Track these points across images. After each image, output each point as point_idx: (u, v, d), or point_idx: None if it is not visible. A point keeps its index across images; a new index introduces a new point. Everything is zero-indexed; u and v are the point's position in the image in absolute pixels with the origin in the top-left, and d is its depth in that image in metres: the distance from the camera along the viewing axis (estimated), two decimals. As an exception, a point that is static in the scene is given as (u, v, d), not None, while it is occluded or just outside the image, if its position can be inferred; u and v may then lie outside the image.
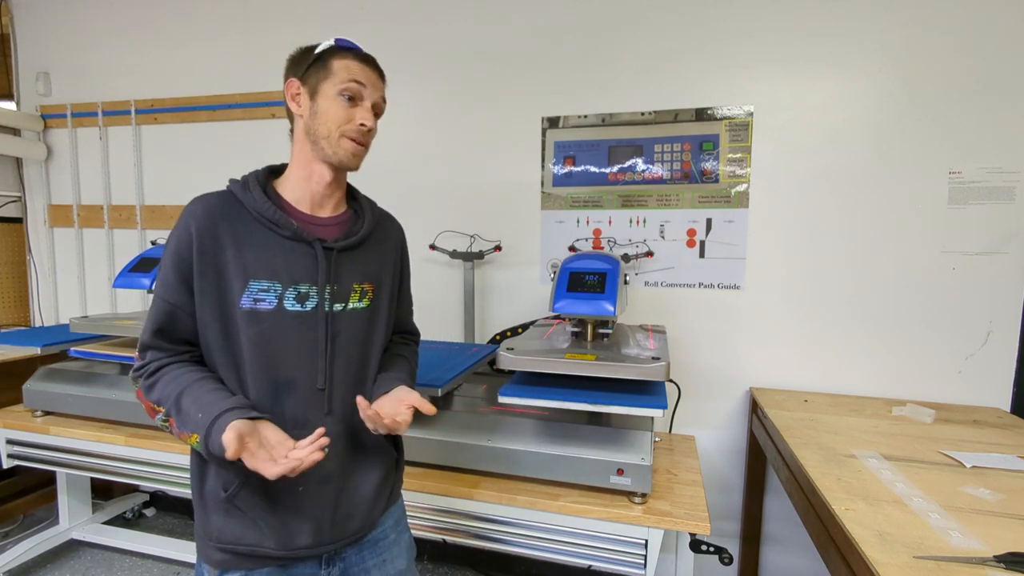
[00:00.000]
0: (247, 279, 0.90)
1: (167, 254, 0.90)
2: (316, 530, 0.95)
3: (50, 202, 2.79)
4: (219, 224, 0.90)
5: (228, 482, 0.91)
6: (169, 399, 0.86)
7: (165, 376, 0.89)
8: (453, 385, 1.60)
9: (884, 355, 1.85)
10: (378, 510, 1.05)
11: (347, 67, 0.94)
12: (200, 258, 0.89)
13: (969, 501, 1.12)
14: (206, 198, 0.93)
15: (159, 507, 2.73)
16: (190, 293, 0.90)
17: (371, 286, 1.02)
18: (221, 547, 0.93)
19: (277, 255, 0.92)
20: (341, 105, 0.93)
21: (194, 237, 0.89)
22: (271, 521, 0.92)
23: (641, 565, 1.34)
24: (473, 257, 2.10)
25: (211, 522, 0.93)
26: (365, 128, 0.95)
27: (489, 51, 2.12)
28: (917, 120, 1.76)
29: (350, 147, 0.95)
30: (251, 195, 0.93)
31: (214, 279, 0.89)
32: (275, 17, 2.36)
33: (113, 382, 1.87)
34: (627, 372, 1.34)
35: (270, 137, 2.39)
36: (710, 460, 2.02)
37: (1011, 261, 1.73)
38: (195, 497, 0.97)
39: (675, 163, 1.96)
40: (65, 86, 2.71)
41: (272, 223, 0.92)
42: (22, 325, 2.87)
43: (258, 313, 0.90)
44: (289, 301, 0.92)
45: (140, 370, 0.90)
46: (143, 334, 0.91)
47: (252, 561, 0.93)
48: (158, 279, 0.92)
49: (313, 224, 0.98)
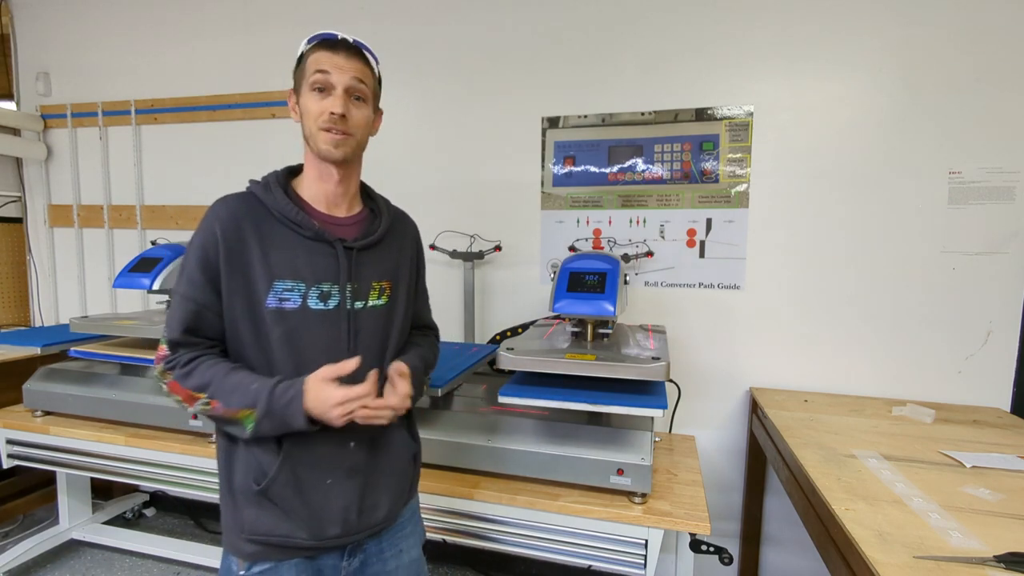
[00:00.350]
0: (272, 279, 0.92)
1: (192, 255, 0.93)
2: (344, 520, 0.98)
3: (50, 202, 2.79)
4: (243, 225, 0.93)
5: (260, 475, 0.94)
6: (213, 381, 0.89)
7: (202, 364, 0.91)
8: (453, 385, 1.60)
9: (884, 355, 1.85)
10: (400, 502, 1.08)
11: (315, 60, 0.94)
12: (228, 259, 0.92)
13: (969, 501, 1.12)
14: (229, 200, 0.96)
15: (159, 507, 2.73)
16: (217, 293, 0.93)
17: (389, 284, 1.05)
18: (253, 539, 0.95)
19: (300, 255, 0.94)
20: (314, 99, 0.94)
21: (220, 239, 0.91)
22: (302, 513, 0.95)
23: (641, 565, 1.34)
24: (473, 257, 2.10)
25: (243, 515, 0.96)
26: (335, 115, 0.93)
27: (489, 51, 2.12)
28: (917, 120, 1.77)
29: (326, 138, 0.94)
30: (273, 196, 0.96)
31: (241, 279, 0.92)
32: (275, 17, 2.36)
33: (113, 382, 1.87)
34: (627, 372, 1.34)
35: (270, 137, 2.39)
36: (710, 460, 2.02)
37: (1011, 261, 1.73)
38: (224, 492, 1.00)
39: (675, 163, 1.96)
40: (65, 86, 2.71)
41: (294, 223, 0.95)
42: (22, 325, 2.87)
43: (284, 312, 0.93)
44: (313, 300, 0.95)
45: (171, 362, 0.92)
46: (171, 332, 0.93)
47: (282, 552, 0.96)
48: (182, 279, 0.94)
49: (332, 224, 1.00)
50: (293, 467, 0.95)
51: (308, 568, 0.99)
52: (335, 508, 0.97)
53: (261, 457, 0.94)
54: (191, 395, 0.91)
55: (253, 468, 0.95)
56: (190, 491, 1.78)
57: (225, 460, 0.99)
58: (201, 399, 0.90)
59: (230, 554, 1.00)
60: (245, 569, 0.97)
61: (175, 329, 0.92)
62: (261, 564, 0.96)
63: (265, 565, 0.96)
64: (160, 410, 1.76)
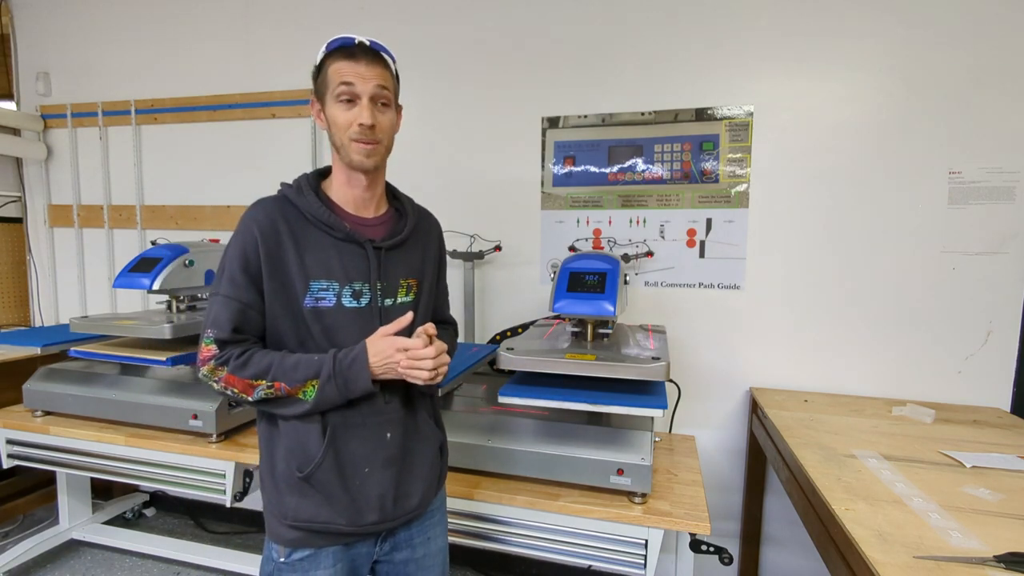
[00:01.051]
0: (308, 280, 0.97)
1: (232, 257, 0.97)
2: (381, 508, 1.02)
3: (50, 202, 2.79)
4: (280, 227, 0.97)
5: (304, 462, 0.98)
6: (272, 366, 0.94)
7: (256, 354, 0.96)
8: (453, 385, 1.60)
9: (884, 355, 1.85)
10: (432, 491, 1.13)
11: (337, 71, 0.96)
12: (268, 260, 0.96)
13: (969, 501, 1.12)
14: (266, 203, 1.00)
15: (159, 507, 2.73)
16: (259, 293, 0.97)
17: (415, 281, 1.10)
18: (295, 525, 0.99)
19: (332, 256, 0.99)
20: (341, 111, 0.97)
21: (259, 241, 0.96)
22: (343, 499, 0.99)
23: (641, 565, 1.34)
24: (473, 257, 2.10)
25: (286, 502, 0.99)
26: (365, 126, 0.96)
27: (489, 51, 2.12)
28: (917, 120, 1.77)
29: (359, 149, 0.98)
30: (305, 199, 1.00)
31: (280, 280, 0.97)
32: (275, 17, 2.36)
33: (113, 382, 1.86)
34: (627, 372, 1.34)
35: (270, 137, 2.39)
36: (710, 460, 2.02)
37: (1011, 261, 1.73)
38: (265, 480, 1.03)
39: (675, 163, 1.96)
40: (65, 86, 2.71)
41: (327, 225, 0.99)
42: (22, 325, 2.87)
43: (320, 311, 0.98)
44: (346, 298, 1.00)
45: (223, 358, 0.95)
46: (219, 331, 0.96)
47: (323, 539, 1.00)
48: (223, 280, 0.97)
49: (361, 225, 1.04)
50: (336, 454, 0.99)
51: (344, 555, 1.03)
52: (373, 496, 1.01)
53: (306, 443, 0.98)
54: (249, 384, 0.94)
55: (297, 455, 0.98)
56: (190, 491, 1.78)
57: (267, 447, 1.03)
58: (261, 385, 0.94)
59: (271, 542, 1.03)
60: (286, 556, 1.01)
61: (224, 328, 0.95)
62: (301, 551, 1.00)
63: (305, 552, 1.00)
64: (160, 410, 1.76)
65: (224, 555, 2.15)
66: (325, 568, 1.01)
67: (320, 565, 1.01)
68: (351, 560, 1.04)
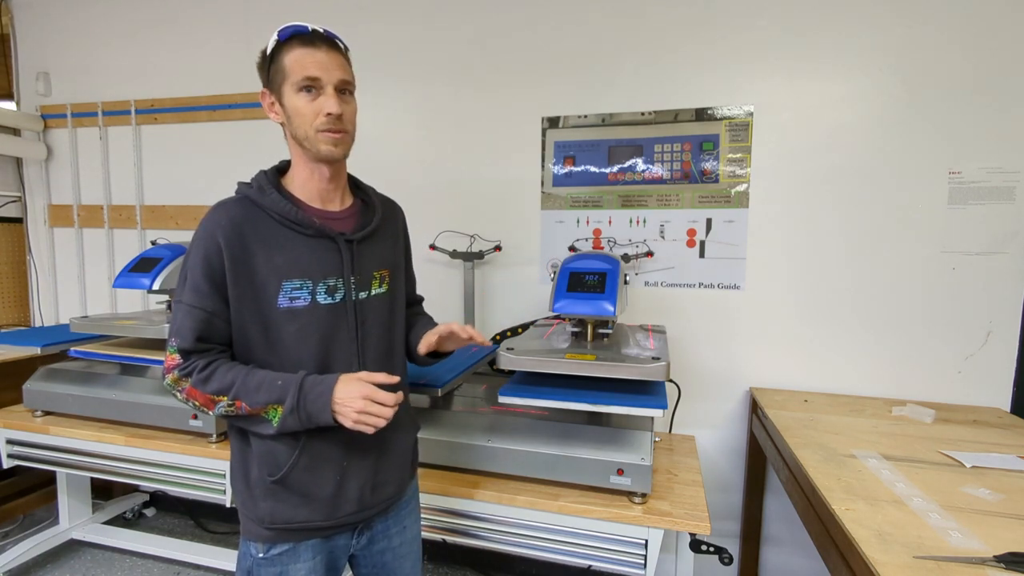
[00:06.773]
0: (281, 280, 0.94)
1: (195, 264, 0.93)
2: (359, 498, 1.03)
3: (50, 202, 2.79)
4: (245, 231, 0.94)
5: (274, 468, 0.97)
6: (235, 383, 0.91)
7: (220, 368, 0.93)
8: (453, 385, 1.60)
9: (884, 355, 1.85)
10: (407, 477, 1.14)
11: (297, 60, 0.94)
12: (233, 266, 0.92)
13: (969, 501, 1.12)
14: (227, 205, 0.96)
15: (159, 507, 2.73)
16: (224, 301, 0.94)
17: (387, 271, 1.09)
18: (271, 527, 0.99)
19: (304, 253, 0.96)
20: (305, 101, 0.94)
21: (223, 246, 0.92)
22: (320, 495, 0.99)
23: (641, 565, 1.34)
24: (473, 257, 2.10)
25: (260, 508, 0.98)
26: (333, 116, 0.94)
27: (489, 51, 2.12)
28: (917, 120, 1.76)
29: (327, 139, 0.95)
30: (269, 198, 0.96)
31: (249, 284, 0.94)
32: (275, 17, 2.36)
33: (113, 382, 1.86)
34: (627, 372, 1.34)
35: (270, 137, 2.38)
36: (710, 460, 2.02)
37: (1011, 261, 1.73)
38: (239, 487, 1.02)
39: (675, 163, 1.96)
40: (65, 86, 2.71)
41: (295, 223, 0.96)
42: (22, 325, 2.87)
43: (295, 310, 0.96)
44: (321, 295, 0.98)
45: (186, 368, 0.93)
46: (181, 340, 0.93)
47: (300, 534, 1.00)
48: (187, 288, 0.94)
49: (330, 219, 1.02)
50: (312, 454, 0.98)
51: (323, 547, 1.03)
52: (351, 487, 1.01)
53: (277, 450, 0.97)
54: (211, 399, 0.92)
55: (268, 462, 0.97)
56: (190, 491, 1.78)
57: (239, 452, 1.01)
58: (223, 401, 0.92)
59: (248, 541, 1.02)
60: (264, 551, 1.00)
61: (187, 338, 0.92)
62: (280, 546, 1.00)
63: (284, 547, 1.00)
64: (160, 410, 1.76)
65: (224, 555, 2.15)
66: (304, 561, 1.00)
67: (300, 558, 1.00)
68: (329, 551, 1.04)
